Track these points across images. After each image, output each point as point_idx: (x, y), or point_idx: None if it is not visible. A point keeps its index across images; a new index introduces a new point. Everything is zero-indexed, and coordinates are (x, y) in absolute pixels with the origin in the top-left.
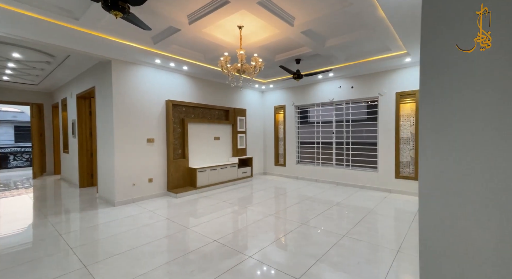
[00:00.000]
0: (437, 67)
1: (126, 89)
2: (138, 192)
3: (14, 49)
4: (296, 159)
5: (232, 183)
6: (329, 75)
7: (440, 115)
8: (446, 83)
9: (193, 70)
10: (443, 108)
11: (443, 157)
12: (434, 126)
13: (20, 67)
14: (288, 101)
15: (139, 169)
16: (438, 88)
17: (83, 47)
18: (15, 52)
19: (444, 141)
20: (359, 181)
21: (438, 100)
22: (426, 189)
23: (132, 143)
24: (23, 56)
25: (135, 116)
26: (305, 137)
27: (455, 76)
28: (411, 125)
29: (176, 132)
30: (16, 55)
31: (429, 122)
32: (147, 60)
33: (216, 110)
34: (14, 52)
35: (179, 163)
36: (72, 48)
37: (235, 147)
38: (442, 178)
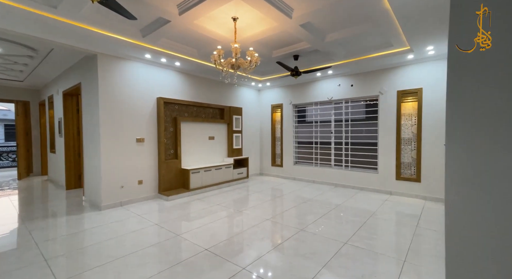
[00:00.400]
0: (465, 65)
1: (113, 86)
2: (126, 194)
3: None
4: (293, 160)
5: (227, 184)
6: (328, 73)
7: (470, 114)
8: (475, 82)
9: (186, 66)
10: (474, 107)
11: (474, 156)
12: (463, 126)
13: (1, 62)
14: (286, 100)
15: (128, 170)
16: (467, 87)
17: (65, 39)
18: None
19: (476, 140)
20: (358, 183)
21: (467, 99)
22: (453, 193)
23: (120, 143)
24: (2, 49)
25: (124, 114)
26: (303, 137)
27: (483, 75)
28: (413, 125)
29: (168, 131)
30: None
31: (457, 122)
32: (136, 55)
33: (211, 108)
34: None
35: (171, 163)
36: (53, 40)
37: (231, 147)
38: (472, 179)
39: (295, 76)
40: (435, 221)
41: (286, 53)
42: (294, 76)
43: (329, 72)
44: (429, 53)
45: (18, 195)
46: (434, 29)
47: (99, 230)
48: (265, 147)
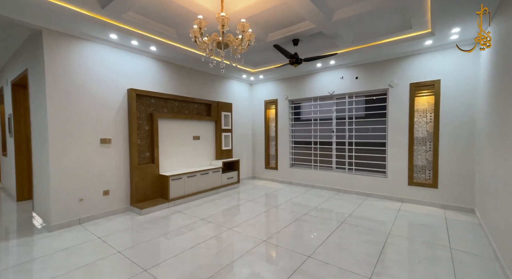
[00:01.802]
0: None
1: (68, 73)
2: (87, 209)
3: None
4: (289, 162)
5: (215, 191)
6: (330, 64)
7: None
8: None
9: (164, 52)
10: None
11: None
12: None
13: None
14: (281, 95)
15: (89, 179)
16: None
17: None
18: None
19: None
20: (364, 188)
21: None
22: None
23: (79, 145)
24: None
25: (83, 109)
26: (300, 136)
27: None
28: (428, 122)
29: (142, 130)
30: None
31: None
32: (98, 35)
33: (196, 104)
34: None
35: (146, 169)
36: None
37: (219, 148)
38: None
39: (295, 65)
40: (468, 239)
41: (284, 36)
42: (294, 64)
43: (331, 63)
44: (452, 38)
45: None
46: (470, 6)
47: (36, 264)
48: (258, 148)
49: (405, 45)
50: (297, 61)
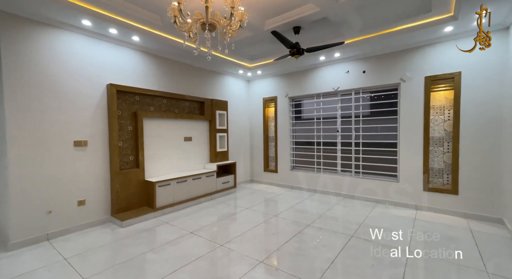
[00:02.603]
0: None
1: (32, 65)
2: (58, 222)
3: None
4: (290, 164)
5: (209, 198)
6: (334, 57)
7: None
8: None
9: (149, 43)
10: None
11: None
12: None
13: None
14: (281, 92)
15: (60, 187)
16: None
17: None
18: None
19: None
20: (373, 193)
21: None
22: None
23: (46, 148)
24: None
25: (53, 107)
26: (301, 137)
27: None
28: (446, 120)
29: (125, 131)
30: None
31: None
32: (68, 21)
33: (187, 101)
34: None
35: (130, 174)
36: None
37: (214, 150)
38: None
39: (296, 56)
40: (506, 260)
41: (284, 23)
42: (295, 56)
43: (336, 56)
44: (475, 23)
45: None
46: None
47: None
48: (256, 149)
49: (421, 33)
50: (299, 52)
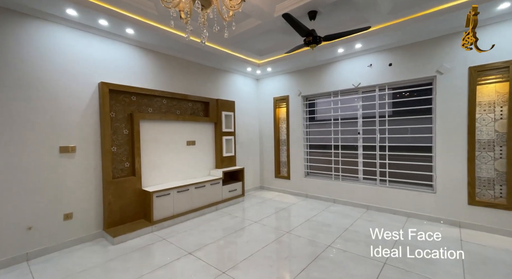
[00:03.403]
0: None
1: (10, 62)
2: (39, 239)
3: None
4: (304, 170)
5: (214, 208)
6: (355, 48)
7: None
8: None
9: (146, 36)
10: None
11: None
12: None
13: None
14: (293, 91)
15: (42, 199)
16: None
17: None
18: None
19: None
20: (403, 206)
21: None
22: None
23: (27, 155)
24: None
25: (34, 108)
26: (316, 139)
27: None
28: (498, 119)
29: (119, 135)
30: None
31: None
32: (50, 10)
33: (190, 102)
34: None
35: (125, 183)
36: None
37: (219, 155)
38: None
39: (312, 46)
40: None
41: (297, 7)
42: (310, 45)
43: (357, 47)
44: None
45: None
46: None
47: None
48: (266, 153)
49: (466, 13)
50: (315, 41)
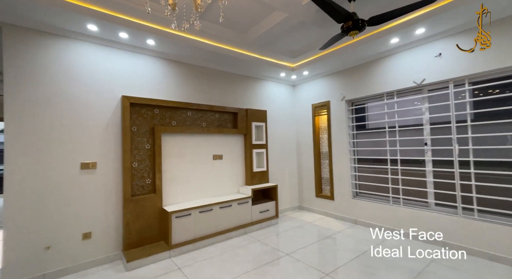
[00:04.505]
0: None
1: (36, 81)
2: (58, 259)
3: None
4: (351, 189)
5: (242, 231)
6: (416, 34)
7: None
8: None
9: (167, 46)
10: None
11: None
12: None
13: None
14: (335, 95)
15: (61, 217)
16: None
17: None
18: None
19: None
20: (505, 250)
21: None
22: None
23: (47, 171)
24: None
25: (56, 124)
26: (368, 152)
27: None
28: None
29: (141, 150)
30: None
31: None
32: (71, 27)
33: (217, 113)
34: None
35: (144, 201)
36: None
37: (249, 170)
38: None
39: (353, 33)
40: None
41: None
42: (350, 32)
43: (418, 33)
44: None
45: None
46: None
47: None
48: (305, 168)
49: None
50: (356, 26)
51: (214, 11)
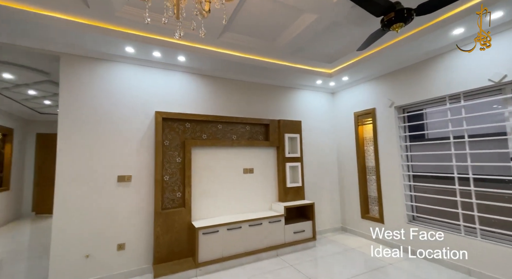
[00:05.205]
0: None
1: (85, 103)
2: (95, 268)
3: None
4: (406, 212)
5: (274, 253)
6: (488, 20)
7: None
8: None
9: (197, 62)
10: None
11: None
12: None
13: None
14: (381, 101)
15: (99, 227)
16: None
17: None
18: None
19: None
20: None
21: None
22: None
23: (90, 183)
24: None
25: (99, 140)
26: (425, 168)
27: None
28: None
29: (172, 163)
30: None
31: None
32: (111, 51)
33: (247, 125)
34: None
35: (174, 215)
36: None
37: (283, 185)
38: None
39: (397, 26)
40: None
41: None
42: (394, 26)
43: (494, 17)
44: None
45: None
46: None
47: None
48: (347, 185)
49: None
50: (401, 17)
51: (239, 22)
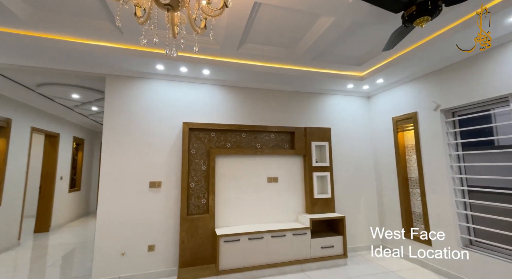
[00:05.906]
0: None
1: (124, 116)
2: (128, 266)
3: None
4: (459, 234)
5: (299, 267)
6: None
7: None
8: None
9: (221, 74)
10: None
11: None
12: None
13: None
14: (424, 104)
15: (133, 228)
16: None
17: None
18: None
19: None
20: None
21: None
22: None
23: (126, 189)
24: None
25: (134, 149)
26: (484, 181)
27: None
28: None
29: (198, 171)
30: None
31: None
32: (143, 69)
33: (272, 133)
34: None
35: (198, 221)
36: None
37: (309, 196)
38: None
39: (419, 21)
40: None
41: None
42: (418, 20)
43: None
44: None
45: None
46: None
47: None
48: (386, 198)
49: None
50: (424, 10)
51: (258, 33)
